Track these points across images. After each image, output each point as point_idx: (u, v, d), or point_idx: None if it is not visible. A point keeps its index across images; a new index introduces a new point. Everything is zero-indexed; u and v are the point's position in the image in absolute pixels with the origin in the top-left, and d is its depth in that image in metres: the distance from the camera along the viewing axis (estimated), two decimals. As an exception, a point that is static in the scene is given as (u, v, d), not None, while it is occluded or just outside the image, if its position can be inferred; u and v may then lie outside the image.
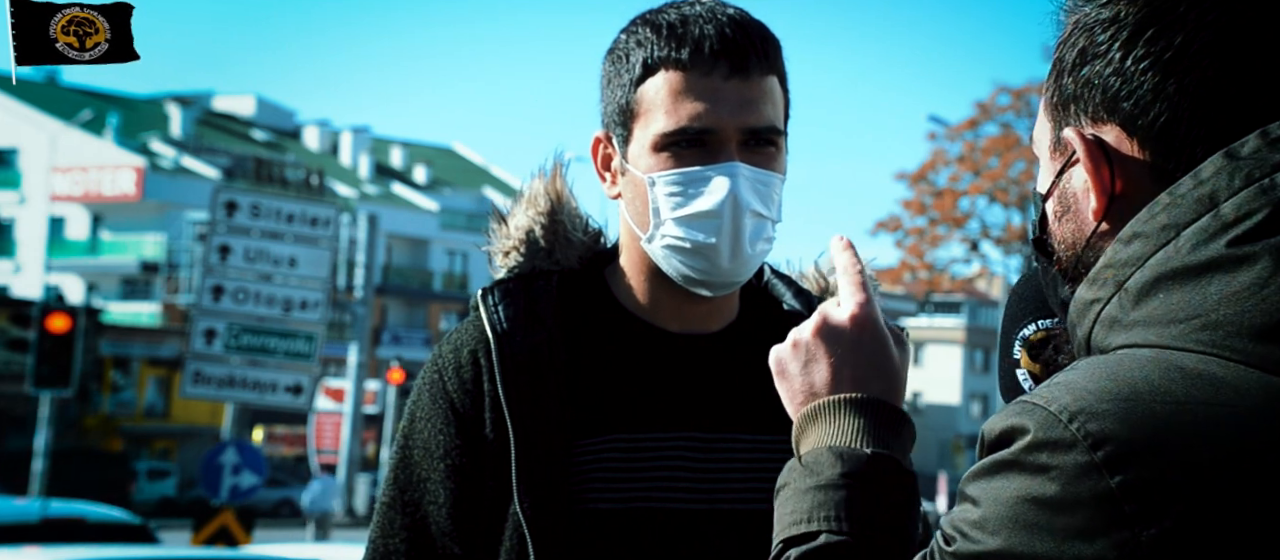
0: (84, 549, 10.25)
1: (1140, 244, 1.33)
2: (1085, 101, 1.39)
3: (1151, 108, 1.34)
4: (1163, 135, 1.34)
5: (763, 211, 2.11)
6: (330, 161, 67.63)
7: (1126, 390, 1.25)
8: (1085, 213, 1.40)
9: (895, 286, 51.80)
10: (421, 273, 63.56)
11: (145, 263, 57.02)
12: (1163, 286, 1.31)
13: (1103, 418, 1.23)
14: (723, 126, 2.08)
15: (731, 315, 2.24)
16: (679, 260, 2.13)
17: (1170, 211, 1.31)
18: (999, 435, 1.30)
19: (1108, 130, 1.37)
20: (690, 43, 2.09)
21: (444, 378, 2.18)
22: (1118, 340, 1.33)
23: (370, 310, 28.48)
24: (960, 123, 46.56)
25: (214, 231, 16.14)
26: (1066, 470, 1.23)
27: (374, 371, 44.54)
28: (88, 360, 36.77)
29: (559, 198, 2.27)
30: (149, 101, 66.32)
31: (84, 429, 44.52)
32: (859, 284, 1.57)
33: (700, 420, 2.16)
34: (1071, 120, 1.40)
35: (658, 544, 2.11)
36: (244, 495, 16.04)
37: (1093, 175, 1.38)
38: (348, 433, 28.52)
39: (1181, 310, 1.29)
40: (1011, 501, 1.25)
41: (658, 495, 2.13)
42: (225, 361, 16.04)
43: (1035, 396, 1.29)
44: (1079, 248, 1.42)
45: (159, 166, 59.14)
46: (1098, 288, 1.36)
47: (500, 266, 2.27)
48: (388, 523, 2.18)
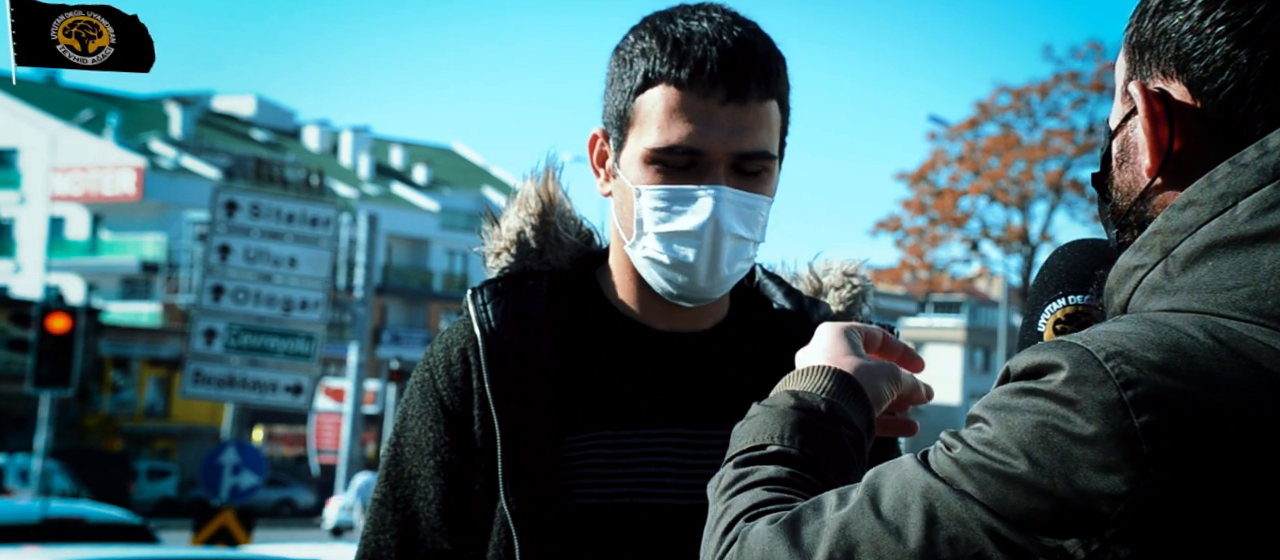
0: (84, 549, 10.24)
1: (1194, 211, 1.31)
2: (1159, 52, 1.37)
3: (1221, 74, 1.33)
4: (1228, 104, 1.33)
5: (744, 234, 2.13)
6: (330, 161, 67.60)
7: (1169, 342, 1.25)
8: (1141, 166, 1.39)
9: (895, 286, 51.79)
10: (421, 273, 63.53)
11: (145, 263, 57.00)
12: (1213, 254, 1.29)
13: (1140, 364, 1.24)
14: (712, 149, 2.09)
15: (721, 315, 2.26)
16: (658, 273, 2.15)
17: (1230, 180, 1.30)
18: (1027, 368, 1.29)
19: (1175, 86, 1.36)
20: (692, 62, 2.09)
21: (434, 376, 2.20)
22: (1159, 305, 1.32)
23: (370, 310, 28.44)
24: (960, 123, 46.49)
25: (214, 231, 16.12)
26: (1093, 403, 1.23)
27: (374, 371, 44.52)
28: (88, 360, 36.77)
29: (551, 199, 2.29)
30: (149, 101, 66.28)
31: (84, 429, 44.50)
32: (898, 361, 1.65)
33: (688, 417, 2.18)
34: (1143, 68, 1.38)
35: (644, 540, 2.13)
36: (244, 495, 16.02)
37: (1149, 134, 1.37)
38: (348, 433, 28.48)
39: (1230, 278, 1.28)
40: (1030, 426, 1.25)
41: (645, 491, 2.14)
42: (225, 361, 16.02)
43: (1072, 338, 1.29)
44: (1133, 198, 1.41)
45: (159, 166, 59.11)
46: (1143, 254, 1.35)
47: (492, 267, 2.29)
48: (379, 519, 2.21)
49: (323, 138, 70.81)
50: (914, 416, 1.75)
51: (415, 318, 62.44)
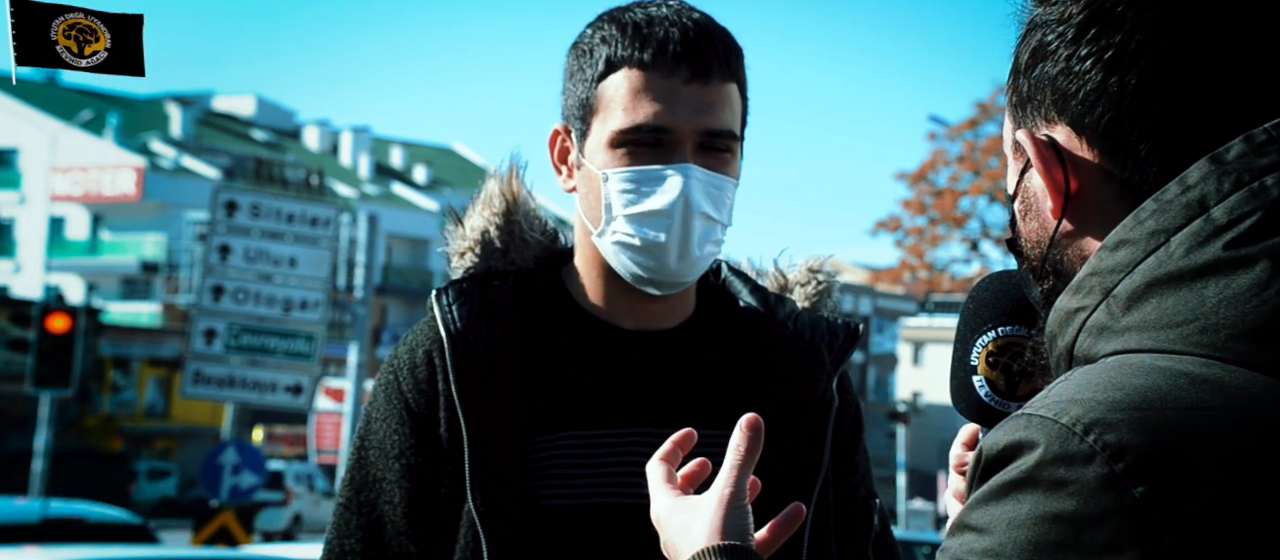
0: (84, 549, 10.24)
1: (1127, 251, 1.31)
2: (1038, 102, 1.39)
3: (1096, 106, 1.35)
4: (1109, 133, 1.34)
5: (713, 215, 2.13)
6: (330, 161, 67.61)
7: (1136, 398, 1.23)
8: (1045, 212, 1.40)
9: (895, 286, 51.79)
10: (421, 273, 63.54)
11: (145, 263, 57.01)
12: (1156, 291, 1.29)
13: (1118, 428, 1.21)
14: (679, 127, 2.10)
15: (687, 312, 2.26)
16: (628, 257, 2.14)
17: (1158, 217, 1.30)
18: (1001, 452, 1.26)
19: (1059, 130, 1.38)
20: (654, 43, 2.11)
21: (399, 378, 2.20)
22: (1109, 347, 1.31)
23: (370, 310, 28.41)
24: (960, 123, 46.58)
25: (214, 231, 16.12)
26: (1087, 484, 1.20)
27: (374, 371, 44.36)
28: (88, 360, 36.77)
29: (515, 199, 2.29)
30: (149, 101, 66.30)
31: (84, 429, 44.49)
32: (733, 472, 1.59)
33: (655, 416, 2.17)
34: (1027, 121, 1.41)
35: (612, 539, 2.12)
36: (244, 495, 16.02)
37: (1045, 176, 1.38)
38: (347, 433, 28.47)
39: (1178, 314, 1.27)
40: (1029, 523, 1.21)
41: (612, 491, 2.14)
42: (225, 361, 16.02)
43: (1039, 409, 1.26)
44: (1044, 246, 1.42)
45: (159, 166, 59.12)
46: (1082, 296, 1.34)
47: (456, 267, 2.29)
48: (344, 523, 2.19)
49: (323, 138, 70.82)
50: (914, 417, 1.73)
51: (415, 318, 62.15)
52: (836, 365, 2.26)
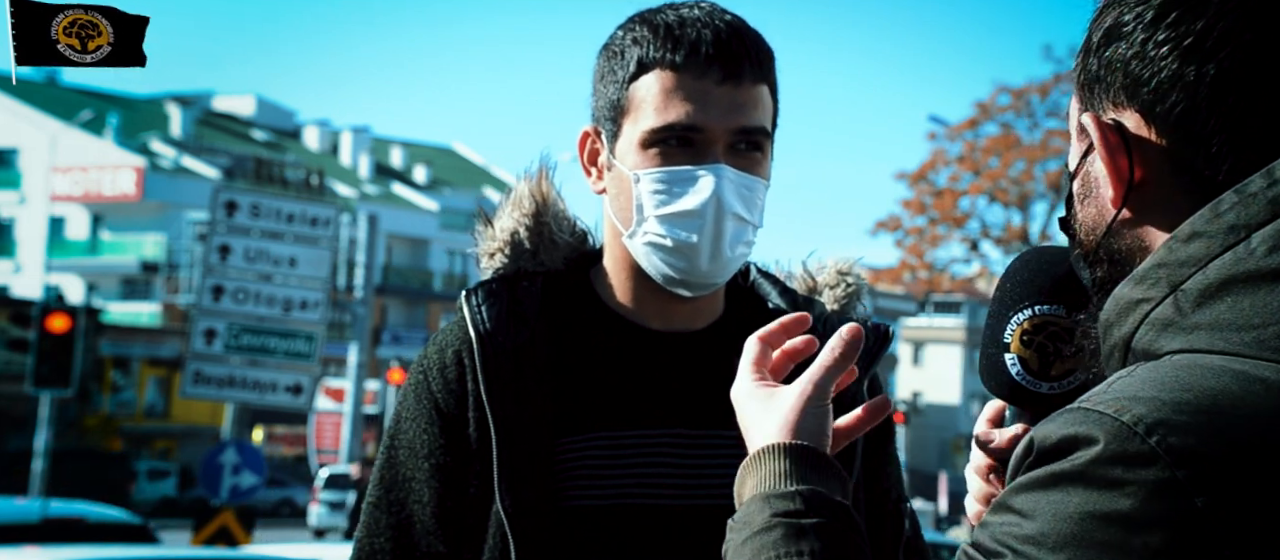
0: (84, 549, 10.23)
1: (1201, 243, 1.26)
2: (1108, 84, 1.34)
3: (1170, 94, 1.29)
4: (1181, 124, 1.29)
5: (745, 215, 2.13)
6: (330, 161, 67.59)
7: (1206, 402, 1.17)
8: (1104, 198, 1.35)
9: (895, 286, 51.78)
10: (421, 273, 63.52)
11: (145, 263, 56.99)
12: (1232, 290, 1.23)
13: (1184, 431, 1.16)
14: (711, 127, 2.10)
15: (716, 314, 2.25)
16: (659, 258, 2.14)
17: (1239, 211, 1.24)
18: (1055, 444, 1.21)
19: (1128, 115, 1.32)
20: (686, 45, 2.10)
21: (429, 378, 2.19)
22: (1174, 344, 1.25)
23: (370, 310, 28.44)
24: (960, 123, 46.56)
25: (214, 231, 16.10)
26: (1145, 486, 1.15)
27: (374, 371, 44.50)
28: (88, 360, 36.76)
29: (545, 200, 2.29)
30: (149, 101, 66.28)
31: (84, 429, 44.47)
32: (821, 371, 1.52)
33: (683, 417, 2.17)
34: (1095, 102, 1.35)
35: (640, 540, 2.12)
36: (244, 495, 16.01)
37: (1108, 164, 1.33)
38: (347, 433, 28.48)
39: (1256, 316, 1.22)
40: (1076, 517, 1.17)
41: (640, 492, 2.13)
42: (225, 361, 16.01)
43: (1099, 404, 1.21)
44: (1100, 233, 1.37)
45: (159, 166, 59.09)
46: (1147, 287, 1.28)
47: (486, 268, 2.29)
48: (373, 522, 2.19)
49: (323, 138, 70.79)
50: (914, 417, 1.72)
51: (415, 318, 62.40)
52: (866, 368, 2.24)
